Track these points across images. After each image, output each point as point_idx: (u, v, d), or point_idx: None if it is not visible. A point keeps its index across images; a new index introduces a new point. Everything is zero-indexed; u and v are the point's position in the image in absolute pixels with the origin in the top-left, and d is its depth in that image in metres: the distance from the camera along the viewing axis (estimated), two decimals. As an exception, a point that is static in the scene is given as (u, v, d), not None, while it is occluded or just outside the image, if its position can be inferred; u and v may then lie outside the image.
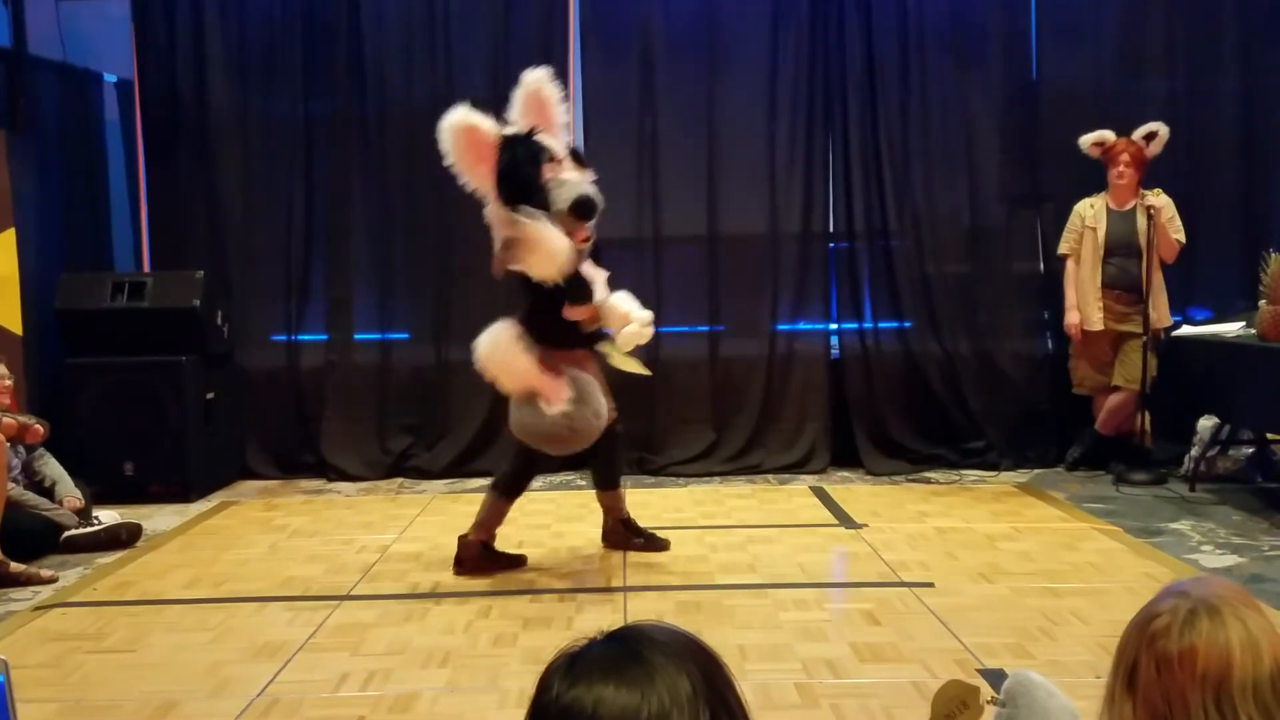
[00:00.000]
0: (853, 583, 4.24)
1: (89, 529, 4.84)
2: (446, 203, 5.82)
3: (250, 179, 6.47)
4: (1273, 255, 5.11)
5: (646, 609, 3.87)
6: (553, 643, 1.10)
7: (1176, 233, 5.81)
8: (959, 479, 6.09)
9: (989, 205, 6.47)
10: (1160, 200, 5.75)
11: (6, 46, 6.13)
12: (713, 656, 1.07)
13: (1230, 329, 5.60)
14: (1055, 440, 6.33)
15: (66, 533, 4.78)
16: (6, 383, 4.89)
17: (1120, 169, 5.82)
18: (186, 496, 5.79)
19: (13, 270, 5.61)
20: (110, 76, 6.71)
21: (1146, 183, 5.87)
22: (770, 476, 6.23)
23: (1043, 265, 6.42)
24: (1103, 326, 5.86)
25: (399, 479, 6.31)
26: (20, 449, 4.92)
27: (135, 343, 5.78)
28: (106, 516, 4.94)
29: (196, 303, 5.86)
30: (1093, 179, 5.97)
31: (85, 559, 4.68)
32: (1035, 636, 3.50)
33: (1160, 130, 5.80)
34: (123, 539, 4.88)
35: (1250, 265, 5.56)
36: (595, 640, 1.07)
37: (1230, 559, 4.39)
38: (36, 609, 4.02)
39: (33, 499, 4.81)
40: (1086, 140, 5.88)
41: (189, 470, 5.84)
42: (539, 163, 4.03)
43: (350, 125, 6.41)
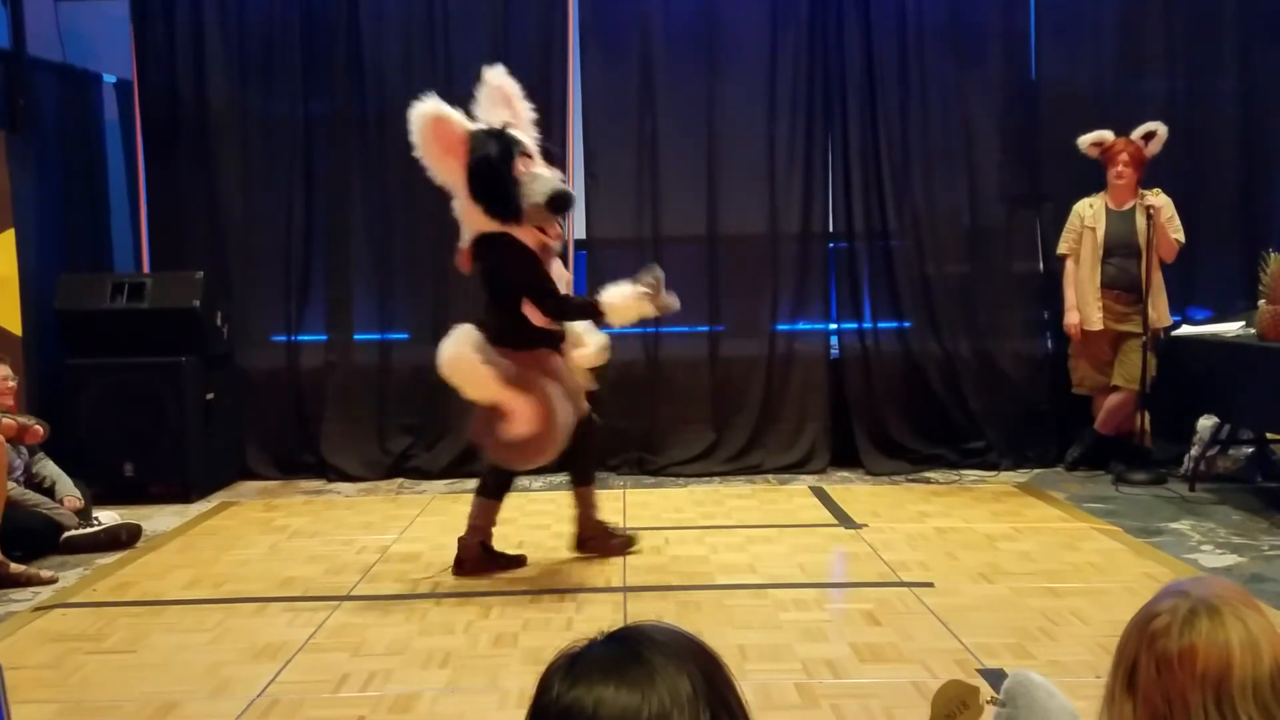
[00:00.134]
0: (853, 583, 4.24)
1: (89, 530, 4.84)
2: (446, 202, 5.79)
3: (250, 179, 6.47)
4: (1272, 255, 5.10)
5: (646, 609, 3.87)
6: (553, 643, 1.10)
7: (1176, 232, 5.81)
8: (959, 479, 6.09)
9: (989, 205, 6.47)
10: (1159, 200, 5.75)
11: (6, 47, 6.13)
12: (713, 657, 1.07)
13: (1230, 329, 5.60)
14: (1055, 440, 6.33)
15: (66, 533, 4.79)
16: (10, 384, 4.89)
17: (1119, 169, 5.82)
18: (186, 497, 5.79)
19: (12, 271, 5.62)
20: (109, 77, 6.71)
21: (1146, 183, 5.87)
22: (770, 477, 6.23)
23: (1042, 265, 6.42)
24: (1102, 326, 5.86)
25: (399, 479, 6.31)
26: (23, 450, 4.92)
27: (135, 343, 5.79)
28: (106, 517, 4.94)
29: (196, 303, 5.87)
30: (1092, 179, 5.97)
31: (85, 560, 4.69)
32: (1035, 636, 3.50)
33: (1159, 130, 5.80)
34: (123, 540, 4.88)
35: (1250, 265, 5.56)
36: (595, 641, 1.06)
37: (1230, 559, 4.39)
38: (36, 610, 4.02)
39: (34, 498, 4.81)
40: (1085, 140, 5.88)
41: (189, 471, 5.85)
42: (512, 158, 4.00)
43: (350, 125, 6.41)
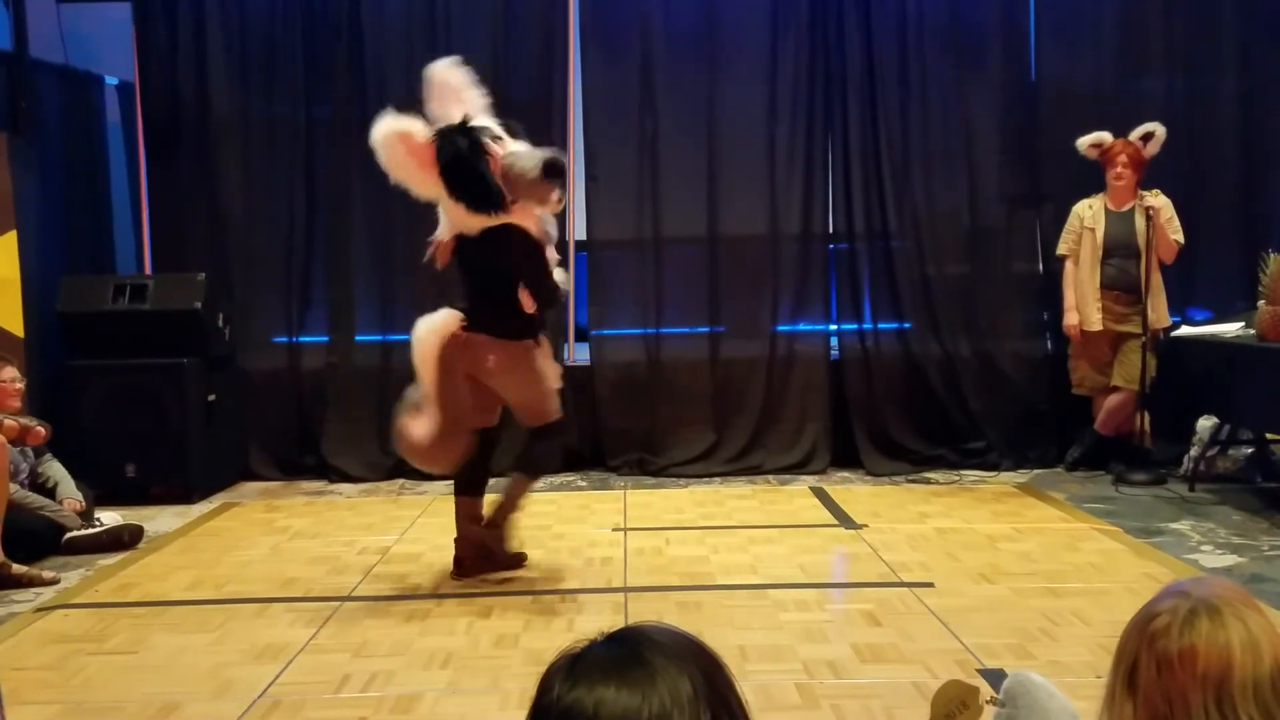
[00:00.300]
0: (853, 583, 4.24)
1: (91, 530, 4.85)
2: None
3: (251, 180, 6.48)
4: (1272, 255, 5.11)
5: (647, 610, 3.87)
6: (554, 644, 1.11)
7: (1175, 233, 5.81)
8: (959, 479, 6.10)
9: (989, 205, 6.47)
10: (1159, 201, 5.75)
11: (8, 49, 6.15)
12: (714, 657, 1.07)
13: (1230, 329, 5.60)
14: (1055, 441, 6.33)
15: (68, 534, 4.79)
16: (18, 385, 4.90)
17: (1118, 170, 5.82)
18: (188, 498, 5.80)
19: (14, 272, 5.62)
20: (111, 79, 6.72)
21: (1146, 183, 5.87)
22: (771, 477, 6.24)
23: (1042, 266, 6.42)
24: (1102, 327, 5.86)
25: (400, 480, 6.31)
26: (29, 452, 4.93)
27: (137, 345, 5.80)
28: (108, 518, 4.95)
29: (198, 305, 5.87)
30: (1092, 179, 5.97)
31: (87, 560, 4.69)
32: (1036, 637, 3.51)
33: (1157, 130, 5.80)
34: (124, 541, 4.89)
35: (1250, 265, 5.57)
36: (596, 641, 1.07)
37: (1230, 559, 4.39)
38: (38, 611, 4.02)
39: (35, 500, 4.82)
40: (1084, 142, 5.88)
41: (190, 472, 5.85)
42: (481, 149, 3.93)
43: (351, 126, 6.39)
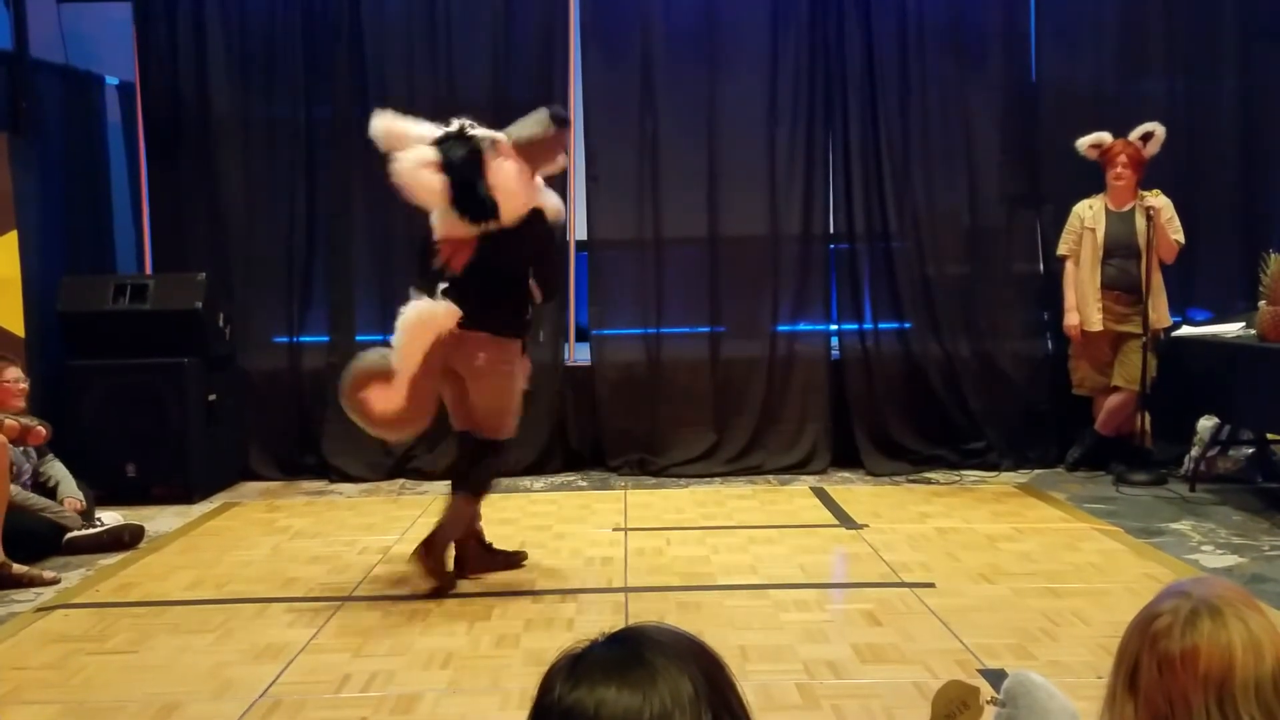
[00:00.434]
0: (854, 583, 4.24)
1: (91, 530, 4.85)
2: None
3: (252, 181, 6.48)
4: (1272, 256, 5.11)
5: (648, 610, 3.87)
6: (554, 644, 1.11)
7: (1175, 233, 5.81)
8: (959, 479, 6.10)
9: (989, 206, 6.47)
10: (1159, 201, 5.75)
11: (8, 49, 6.15)
12: (714, 658, 1.07)
13: (1230, 329, 5.60)
14: (1055, 441, 6.33)
15: (69, 534, 4.80)
16: (21, 386, 4.90)
17: (1118, 170, 5.82)
18: (188, 498, 5.80)
19: (15, 272, 5.63)
20: (112, 79, 6.72)
21: (1146, 183, 5.87)
22: (771, 477, 6.24)
23: (1042, 266, 6.42)
24: (1102, 327, 5.86)
25: (400, 480, 6.32)
26: (31, 453, 4.93)
27: (137, 345, 5.80)
28: (109, 518, 4.95)
29: (198, 305, 5.87)
30: (1092, 180, 5.97)
31: (87, 560, 4.69)
32: (1036, 637, 3.51)
33: (1157, 130, 5.80)
34: (125, 540, 4.89)
35: (1250, 266, 5.57)
36: (597, 642, 1.07)
37: (1231, 559, 4.39)
38: (39, 610, 4.03)
39: (37, 501, 4.81)
40: (1084, 143, 5.88)
41: (191, 472, 5.85)
42: (479, 157, 3.96)
43: (351, 126, 6.39)
